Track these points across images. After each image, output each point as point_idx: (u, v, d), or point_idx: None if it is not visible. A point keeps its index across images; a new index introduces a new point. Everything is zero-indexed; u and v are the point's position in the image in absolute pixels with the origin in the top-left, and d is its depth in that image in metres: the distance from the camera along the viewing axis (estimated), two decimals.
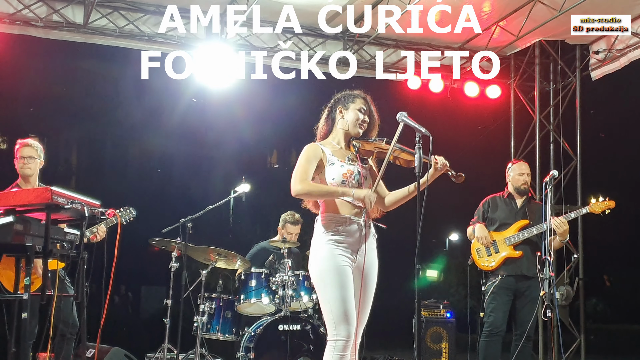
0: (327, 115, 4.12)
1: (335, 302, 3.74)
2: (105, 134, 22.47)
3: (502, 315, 6.05)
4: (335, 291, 3.75)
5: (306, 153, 3.97)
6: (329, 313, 3.77)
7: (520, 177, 6.24)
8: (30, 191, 3.75)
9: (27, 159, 5.51)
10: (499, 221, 6.22)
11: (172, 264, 6.37)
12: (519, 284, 6.07)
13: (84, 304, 4.41)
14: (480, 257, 6.19)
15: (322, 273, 3.81)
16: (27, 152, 5.54)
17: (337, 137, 4.06)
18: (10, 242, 3.62)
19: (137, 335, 12.43)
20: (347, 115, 4.01)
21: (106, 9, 7.87)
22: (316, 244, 3.90)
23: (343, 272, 3.77)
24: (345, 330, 3.71)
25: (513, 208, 6.23)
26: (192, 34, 8.17)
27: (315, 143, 4.05)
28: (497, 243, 6.14)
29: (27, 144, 5.58)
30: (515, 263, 6.07)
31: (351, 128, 4.00)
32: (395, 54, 9.11)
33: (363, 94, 4.08)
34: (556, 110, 9.30)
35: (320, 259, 3.84)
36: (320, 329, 6.44)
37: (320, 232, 3.89)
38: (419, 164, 3.69)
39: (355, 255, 3.85)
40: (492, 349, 6.04)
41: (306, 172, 3.90)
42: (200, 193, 19.90)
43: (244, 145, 22.72)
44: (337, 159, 3.94)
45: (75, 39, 7.97)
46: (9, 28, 7.61)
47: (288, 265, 6.55)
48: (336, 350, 3.73)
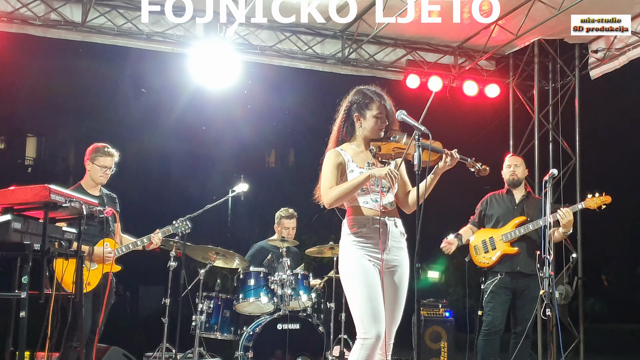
0: (344, 119, 4.04)
1: (363, 300, 3.71)
2: (103, 133, 22.38)
3: (501, 314, 6.05)
4: (362, 290, 3.73)
5: (329, 162, 3.92)
6: (358, 312, 3.73)
7: (508, 169, 6.29)
8: (28, 189, 3.73)
9: (108, 169, 5.55)
10: (496, 217, 6.23)
11: (170, 263, 6.36)
12: (518, 282, 6.06)
13: (82, 304, 4.40)
14: (477, 254, 6.19)
15: (349, 273, 3.81)
16: (110, 163, 5.56)
17: (357, 141, 4.01)
18: (8, 241, 3.61)
19: (136, 335, 12.45)
20: (365, 124, 3.96)
21: (104, 7, 7.85)
22: (343, 245, 3.91)
23: (369, 271, 3.76)
24: (375, 329, 3.67)
25: (511, 204, 6.24)
26: (190, 32, 8.17)
27: (336, 149, 3.98)
28: (495, 240, 6.13)
29: (111, 154, 5.58)
30: (511, 260, 6.07)
31: (371, 135, 3.96)
32: (393, 52, 9.10)
33: (377, 95, 3.99)
34: (555, 109, 9.29)
35: (347, 260, 3.84)
36: (319, 328, 6.44)
37: (346, 233, 3.89)
38: (418, 162, 3.66)
39: (383, 254, 3.81)
40: (490, 347, 6.04)
41: (333, 181, 3.87)
42: (199, 192, 19.87)
43: (242, 144, 22.70)
44: (356, 166, 3.91)
45: (73, 37, 7.95)
46: (7, 26, 7.59)
47: (287, 265, 6.54)
48: (364, 348, 3.67)
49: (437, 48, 9.18)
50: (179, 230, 6.01)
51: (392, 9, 7.49)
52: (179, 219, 6.05)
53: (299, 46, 8.67)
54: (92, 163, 5.52)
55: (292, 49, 8.65)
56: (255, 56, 8.58)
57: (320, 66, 8.95)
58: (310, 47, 8.71)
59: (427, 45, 9.12)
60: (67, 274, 4.33)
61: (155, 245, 5.78)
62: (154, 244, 5.76)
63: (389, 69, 9.11)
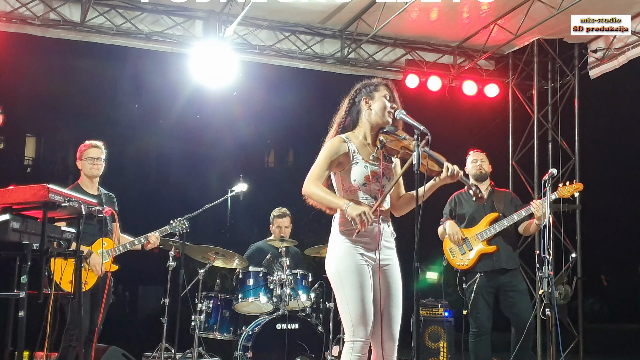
0: (349, 107, 3.95)
1: (354, 302, 3.63)
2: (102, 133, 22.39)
3: (487, 315, 6.02)
4: (353, 291, 3.64)
5: (330, 149, 3.79)
6: (347, 314, 3.64)
7: (474, 163, 6.19)
8: (27, 189, 3.72)
9: (97, 160, 5.58)
10: (467, 216, 6.15)
11: (169, 263, 6.35)
12: (500, 278, 6.00)
13: (81, 303, 4.40)
14: (454, 257, 6.13)
15: (340, 273, 3.70)
16: (96, 154, 5.60)
17: (364, 131, 3.88)
18: (6, 240, 3.60)
19: (135, 335, 12.43)
20: (374, 105, 3.85)
21: (103, 7, 7.84)
22: (333, 243, 3.79)
23: (361, 271, 3.67)
24: (364, 331, 3.61)
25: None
26: (190, 32, 8.17)
27: (341, 136, 3.84)
28: (470, 240, 6.07)
29: (94, 145, 5.64)
30: (491, 258, 6.01)
31: (380, 118, 3.83)
32: (393, 52, 9.10)
33: (384, 80, 3.94)
34: (554, 109, 9.29)
35: (338, 259, 3.73)
36: (318, 327, 6.43)
37: (337, 231, 3.78)
38: (417, 162, 3.61)
39: (374, 253, 3.74)
40: (481, 349, 6.02)
41: (321, 173, 3.76)
42: (198, 192, 19.86)
43: (241, 144, 22.70)
44: (361, 158, 3.79)
45: (72, 37, 7.94)
46: (5, 26, 7.58)
47: (286, 264, 6.54)
48: (354, 351, 3.60)
49: (437, 48, 9.18)
50: (176, 230, 6.01)
51: (391, 9, 7.50)
52: (177, 219, 6.06)
53: (298, 46, 8.66)
54: (82, 160, 5.59)
55: (291, 48, 8.65)
56: (255, 56, 8.57)
57: (320, 66, 8.95)
58: (309, 47, 8.70)
59: (426, 45, 9.11)
60: (64, 273, 4.32)
61: (152, 245, 5.78)
62: (152, 243, 5.77)
63: (388, 68, 9.10)
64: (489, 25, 8.34)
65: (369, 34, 8.39)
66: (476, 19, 8.24)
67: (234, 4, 7.71)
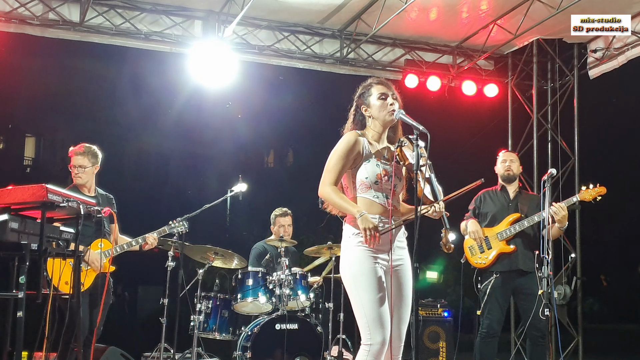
0: (354, 114, 3.93)
1: (369, 305, 3.60)
2: (101, 133, 22.39)
3: (498, 317, 5.95)
4: (368, 294, 3.61)
5: (345, 145, 3.75)
6: (363, 317, 3.61)
7: (503, 164, 6.15)
8: (26, 189, 3.71)
9: (78, 168, 5.28)
10: (490, 215, 6.10)
11: (168, 263, 6.35)
12: (518, 280, 5.96)
13: (80, 304, 4.39)
14: (473, 255, 6.11)
15: (354, 276, 3.66)
16: (78, 162, 5.28)
17: (372, 131, 3.85)
18: (5, 241, 3.59)
19: (134, 335, 12.43)
20: (372, 110, 3.82)
21: (102, 7, 7.84)
22: (346, 246, 3.75)
23: (376, 274, 3.64)
24: (381, 335, 3.58)
25: (505, 201, 6.10)
26: (189, 32, 8.17)
27: (357, 132, 3.81)
28: (490, 239, 6.04)
29: (77, 152, 5.30)
30: (509, 258, 5.95)
31: (381, 119, 3.81)
32: (392, 52, 9.10)
33: (376, 79, 3.90)
34: (554, 108, 9.28)
35: (352, 262, 3.69)
36: (317, 328, 6.42)
37: (349, 234, 3.73)
38: (416, 161, 3.60)
39: (387, 254, 3.71)
40: (488, 350, 5.97)
41: (337, 174, 3.72)
42: (197, 192, 19.87)
43: (240, 144, 22.70)
44: (374, 156, 3.76)
45: (71, 37, 7.94)
46: (4, 26, 7.58)
47: (285, 264, 6.53)
48: (370, 355, 3.57)
49: (436, 48, 9.18)
50: (175, 230, 5.99)
51: (390, 9, 7.49)
52: (176, 219, 6.04)
53: (297, 46, 8.66)
54: (70, 164, 5.40)
55: (291, 48, 8.65)
56: (254, 56, 8.57)
57: (319, 66, 8.95)
58: (308, 47, 8.70)
59: (425, 45, 9.11)
60: (61, 275, 4.32)
61: (150, 245, 5.72)
62: (149, 244, 5.70)
63: (387, 68, 9.10)
64: (488, 25, 8.34)
65: (368, 33, 8.39)
66: (475, 19, 8.24)
67: (233, 4, 7.72)
